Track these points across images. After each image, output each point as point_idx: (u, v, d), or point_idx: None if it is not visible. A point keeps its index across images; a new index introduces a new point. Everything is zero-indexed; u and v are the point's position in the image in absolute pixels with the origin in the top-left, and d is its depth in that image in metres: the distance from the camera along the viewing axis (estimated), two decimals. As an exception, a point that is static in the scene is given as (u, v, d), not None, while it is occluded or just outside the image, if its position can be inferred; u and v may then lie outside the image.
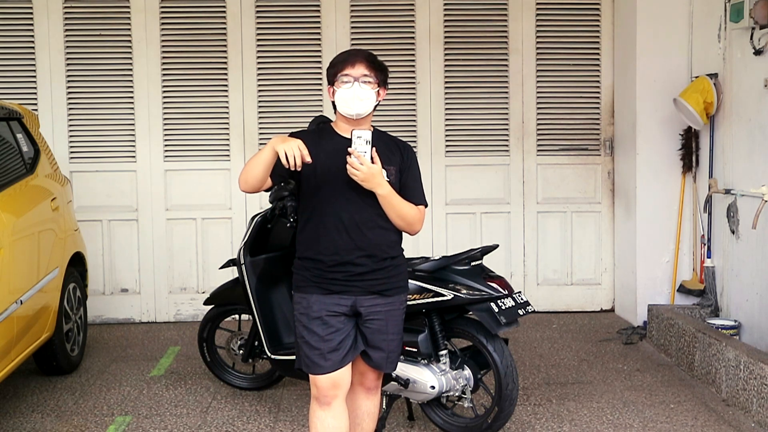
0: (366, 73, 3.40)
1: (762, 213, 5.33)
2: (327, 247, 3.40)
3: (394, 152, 3.49)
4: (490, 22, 7.17)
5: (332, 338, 3.40)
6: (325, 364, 3.40)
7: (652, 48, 6.58)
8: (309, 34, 7.00)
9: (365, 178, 3.29)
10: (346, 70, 3.40)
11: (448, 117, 7.19)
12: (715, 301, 6.23)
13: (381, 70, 3.46)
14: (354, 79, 3.38)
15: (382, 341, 3.50)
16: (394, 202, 3.39)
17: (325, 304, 3.41)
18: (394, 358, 3.58)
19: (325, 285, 3.42)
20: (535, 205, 7.28)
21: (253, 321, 4.92)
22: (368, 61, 3.43)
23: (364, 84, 3.39)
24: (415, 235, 3.55)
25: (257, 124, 7.08)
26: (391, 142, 3.53)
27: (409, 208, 3.45)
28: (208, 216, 7.14)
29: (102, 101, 7.07)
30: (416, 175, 3.54)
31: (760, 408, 4.64)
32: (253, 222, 4.93)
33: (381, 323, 3.48)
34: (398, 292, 3.52)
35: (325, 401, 3.44)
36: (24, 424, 4.78)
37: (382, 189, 3.34)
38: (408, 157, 3.53)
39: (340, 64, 3.42)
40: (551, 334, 6.63)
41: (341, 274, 3.41)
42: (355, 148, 3.26)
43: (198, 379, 5.56)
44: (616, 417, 4.84)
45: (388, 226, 3.45)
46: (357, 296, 3.42)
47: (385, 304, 3.47)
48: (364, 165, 3.27)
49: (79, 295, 5.88)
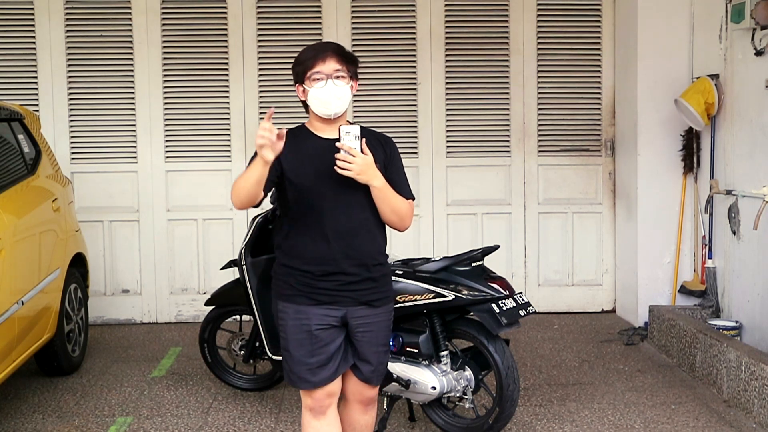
0: (338, 68, 3.16)
1: (763, 214, 5.32)
2: (315, 257, 3.20)
3: (376, 148, 3.24)
4: (492, 23, 7.17)
5: (322, 352, 3.21)
6: (314, 380, 3.23)
7: (653, 49, 6.57)
8: (310, 35, 6.98)
9: (360, 171, 3.07)
10: (316, 67, 3.15)
11: (449, 118, 7.19)
12: (717, 302, 6.22)
13: (352, 62, 3.23)
14: (327, 76, 3.14)
15: (372, 354, 3.33)
16: (389, 195, 3.19)
17: (314, 316, 3.21)
18: (382, 370, 3.42)
19: (314, 295, 3.21)
20: (536, 205, 7.28)
21: (254, 322, 4.92)
22: (339, 55, 3.18)
23: (338, 80, 3.16)
24: (404, 231, 3.37)
25: (258, 125, 7.07)
26: (372, 137, 3.27)
27: (402, 201, 3.25)
28: (209, 217, 7.14)
29: (103, 102, 7.07)
30: (400, 169, 3.33)
31: (761, 409, 4.63)
32: (254, 223, 4.93)
33: (371, 335, 3.30)
34: (386, 302, 3.36)
35: (320, 411, 3.30)
36: (25, 424, 4.79)
37: (378, 181, 3.14)
38: (390, 151, 3.31)
39: (309, 61, 3.17)
40: (552, 335, 6.63)
41: (331, 284, 3.21)
42: (344, 143, 3.07)
43: (199, 380, 5.56)
44: (617, 418, 4.84)
45: (375, 231, 3.27)
46: (348, 307, 3.24)
47: (374, 316, 3.29)
48: (357, 157, 3.06)
49: (81, 295, 5.88)
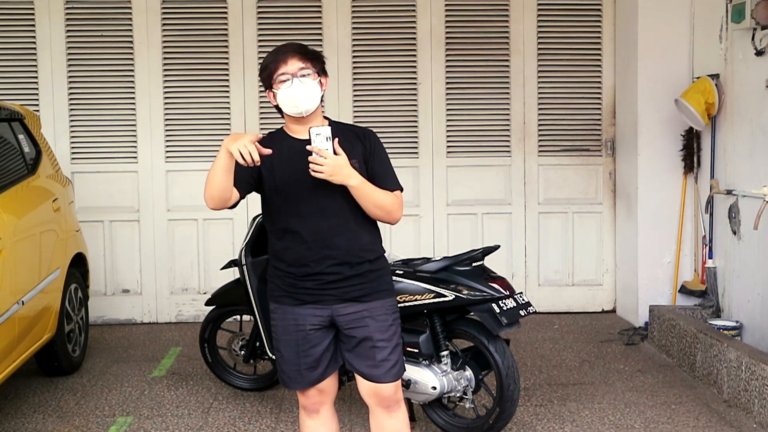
0: (302, 66, 3.15)
1: (763, 214, 5.32)
2: (295, 258, 3.19)
3: (354, 143, 3.20)
4: (492, 23, 7.17)
5: (310, 353, 3.23)
6: (303, 380, 3.27)
7: (654, 49, 6.57)
8: (310, 34, 6.99)
9: (332, 172, 3.03)
10: (280, 69, 3.15)
11: (449, 118, 7.19)
12: (717, 302, 6.22)
13: (316, 59, 3.21)
14: (291, 75, 3.14)
15: (368, 349, 3.23)
16: (367, 191, 3.13)
17: (300, 316, 3.22)
18: (392, 366, 3.26)
19: (298, 295, 3.22)
20: (537, 205, 7.28)
21: (255, 321, 4.93)
22: (300, 53, 3.18)
23: (304, 78, 3.14)
24: (396, 223, 3.31)
25: (258, 125, 7.08)
26: (349, 133, 3.24)
27: (385, 195, 3.18)
28: (210, 217, 7.13)
29: (103, 102, 7.07)
30: (384, 160, 3.27)
31: (762, 409, 4.63)
32: (254, 222, 4.93)
33: (364, 330, 3.21)
34: (379, 297, 3.25)
35: (313, 409, 3.34)
36: (25, 424, 4.79)
37: (353, 180, 3.08)
38: (371, 144, 3.25)
39: (272, 65, 3.18)
40: (552, 335, 6.63)
41: (313, 283, 3.19)
42: (315, 145, 3.03)
43: (199, 380, 5.56)
44: (617, 418, 4.84)
45: (357, 229, 3.21)
46: (332, 305, 3.20)
47: (363, 311, 3.21)
48: (328, 158, 3.02)
49: (81, 295, 5.88)
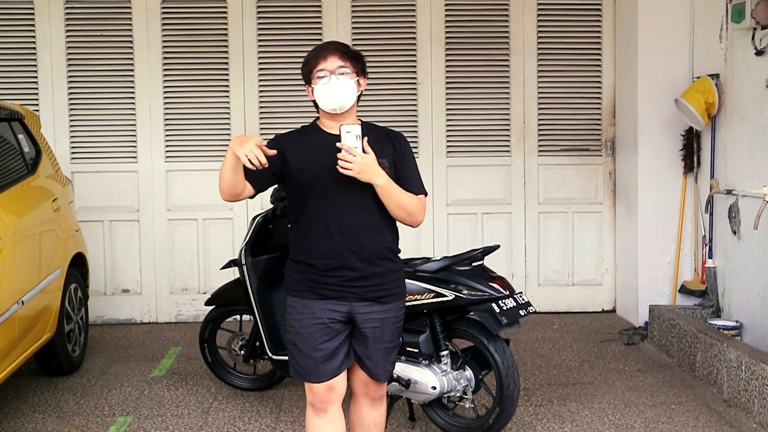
0: (341, 64, 3.25)
1: (763, 213, 5.32)
2: (319, 251, 3.26)
3: (385, 144, 3.31)
4: (492, 22, 7.17)
5: (326, 347, 3.27)
6: (319, 374, 3.29)
7: (654, 48, 6.57)
8: (310, 34, 6.99)
9: (361, 170, 3.13)
10: (320, 66, 3.25)
11: (449, 117, 7.19)
12: (717, 302, 6.22)
13: (356, 59, 3.31)
14: (330, 72, 3.23)
15: (378, 350, 3.35)
16: (393, 192, 3.22)
17: (320, 311, 3.27)
18: (390, 367, 3.44)
19: (319, 290, 3.27)
20: (537, 205, 7.28)
21: (255, 321, 4.93)
22: (341, 52, 3.28)
23: (342, 76, 3.24)
24: (417, 226, 3.39)
25: (258, 125, 7.08)
26: (381, 134, 3.35)
27: (409, 197, 3.28)
28: (210, 216, 7.13)
29: (103, 102, 7.07)
30: (412, 164, 3.37)
31: (762, 409, 4.63)
32: (254, 222, 4.93)
33: (377, 331, 3.32)
34: (395, 299, 3.37)
35: (322, 407, 3.34)
36: (25, 424, 4.79)
37: (380, 179, 3.18)
38: (401, 147, 3.35)
39: (313, 61, 3.28)
40: (552, 335, 6.63)
41: (335, 279, 3.26)
42: (344, 142, 3.12)
43: (199, 380, 5.56)
44: (617, 417, 4.84)
45: (382, 228, 3.30)
46: (353, 303, 3.28)
47: (380, 312, 3.32)
48: (357, 156, 3.11)
49: (81, 295, 5.88)
